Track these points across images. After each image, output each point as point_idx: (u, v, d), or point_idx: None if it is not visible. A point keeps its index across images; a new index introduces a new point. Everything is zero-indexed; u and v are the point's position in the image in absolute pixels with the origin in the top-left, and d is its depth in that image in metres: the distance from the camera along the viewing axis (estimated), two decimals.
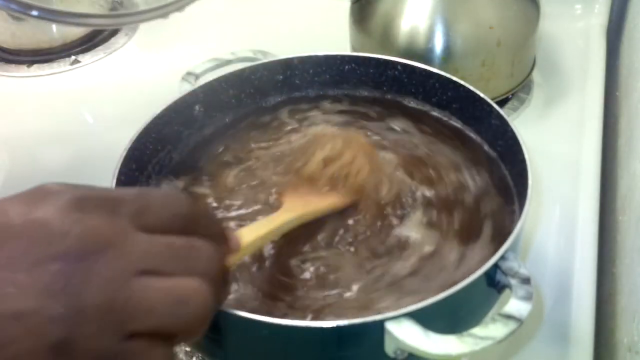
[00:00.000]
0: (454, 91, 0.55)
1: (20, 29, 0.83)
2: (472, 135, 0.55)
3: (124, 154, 0.48)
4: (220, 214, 0.50)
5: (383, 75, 0.58)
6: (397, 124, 0.57)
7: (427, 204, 0.49)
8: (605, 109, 0.73)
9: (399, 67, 0.57)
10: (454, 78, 0.54)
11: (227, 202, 0.51)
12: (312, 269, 0.45)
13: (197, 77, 0.56)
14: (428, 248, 0.46)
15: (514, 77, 0.71)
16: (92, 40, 0.87)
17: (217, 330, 0.38)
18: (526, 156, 0.46)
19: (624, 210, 0.59)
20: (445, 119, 0.56)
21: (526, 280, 0.39)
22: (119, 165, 0.47)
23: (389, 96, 0.59)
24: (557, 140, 0.70)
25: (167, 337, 0.30)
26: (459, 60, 0.67)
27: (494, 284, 0.40)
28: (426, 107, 0.57)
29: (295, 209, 0.47)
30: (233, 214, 0.50)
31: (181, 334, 0.31)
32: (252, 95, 0.58)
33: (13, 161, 0.71)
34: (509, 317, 0.37)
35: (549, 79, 0.78)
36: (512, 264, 0.40)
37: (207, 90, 0.55)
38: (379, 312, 0.37)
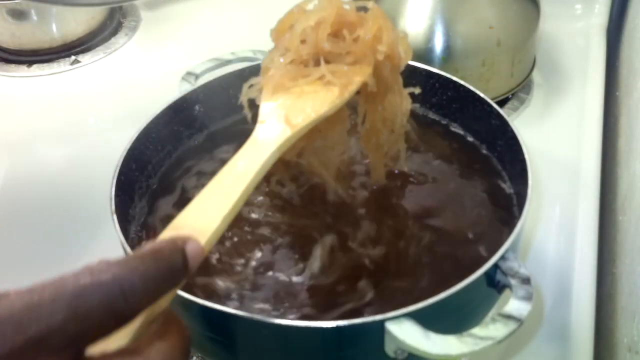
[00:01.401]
0: (454, 91, 0.55)
1: (20, 29, 0.83)
2: (472, 135, 0.55)
3: (124, 154, 0.48)
4: None
5: None
6: None
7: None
8: (605, 109, 0.73)
9: None
10: (454, 78, 0.54)
11: None
12: None
13: (197, 77, 0.56)
14: None
15: (514, 77, 0.71)
16: (92, 40, 0.86)
17: (217, 330, 0.38)
18: (526, 156, 0.46)
19: (624, 210, 0.59)
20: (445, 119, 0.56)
21: (526, 280, 0.39)
22: (119, 165, 0.47)
23: None
24: (557, 140, 0.70)
25: None
26: (459, 60, 0.67)
27: (494, 284, 0.40)
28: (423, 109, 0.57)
29: (271, 135, 0.33)
30: None
31: None
32: None
33: (13, 161, 0.71)
34: (509, 317, 0.37)
35: (549, 79, 0.78)
36: (512, 264, 0.40)
37: (207, 90, 0.55)
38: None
